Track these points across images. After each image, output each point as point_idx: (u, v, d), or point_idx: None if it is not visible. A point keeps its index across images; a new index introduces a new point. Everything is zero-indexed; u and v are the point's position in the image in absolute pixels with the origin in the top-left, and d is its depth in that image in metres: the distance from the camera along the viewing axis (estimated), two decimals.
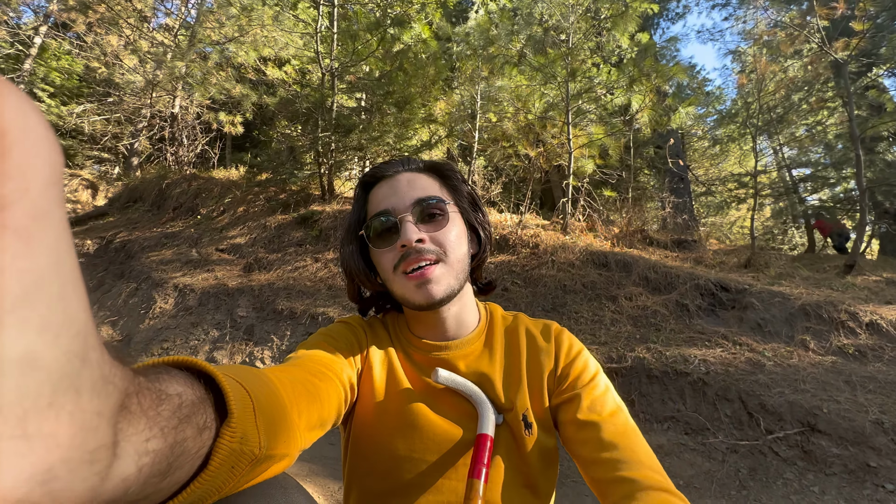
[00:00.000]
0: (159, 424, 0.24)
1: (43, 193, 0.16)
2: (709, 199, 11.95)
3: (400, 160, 0.79)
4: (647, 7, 6.28)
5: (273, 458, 0.41)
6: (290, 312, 4.25)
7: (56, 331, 0.16)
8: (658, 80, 6.16)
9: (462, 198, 0.78)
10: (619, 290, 4.32)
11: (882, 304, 3.83)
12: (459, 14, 9.59)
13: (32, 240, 0.16)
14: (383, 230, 0.71)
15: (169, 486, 0.28)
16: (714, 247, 6.74)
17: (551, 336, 0.78)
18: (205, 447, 0.31)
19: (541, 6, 6.38)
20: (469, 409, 0.71)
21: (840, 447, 2.48)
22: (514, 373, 0.75)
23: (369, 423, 0.71)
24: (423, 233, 0.69)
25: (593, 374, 0.73)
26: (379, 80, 6.44)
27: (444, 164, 0.80)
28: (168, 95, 9.43)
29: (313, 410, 0.54)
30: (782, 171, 10.51)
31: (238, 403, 0.35)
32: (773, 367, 3.11)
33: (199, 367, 0.36)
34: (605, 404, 0.68)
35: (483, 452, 0.64)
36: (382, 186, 0.75)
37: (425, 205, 0.71)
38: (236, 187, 7.38)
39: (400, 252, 0.69)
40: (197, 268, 5.31)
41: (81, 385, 0.17)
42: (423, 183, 0.74)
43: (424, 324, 0.76)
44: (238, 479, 0.36)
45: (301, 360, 0.63)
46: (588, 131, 6.67)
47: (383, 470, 0.69)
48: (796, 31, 6.25)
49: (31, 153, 0.16)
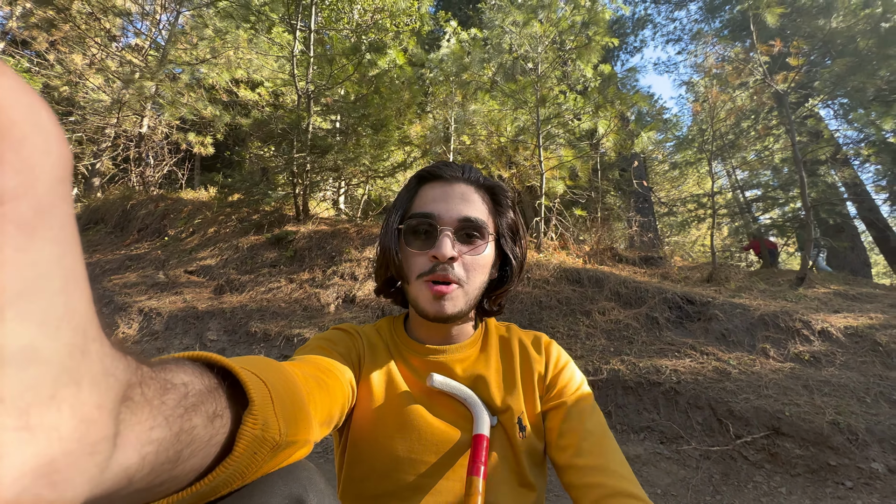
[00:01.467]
0: (164, 413, 0.24)
1: (50, 188, 0.17)
2: (671, 218, 12.58)
3: (462, 166, 0.77)
4: (608, 41, 6.73)
5: (294, 445, 0.42)
6: (263, 335, 4.14)
7: (57, 324, 0.16)
8: (621, 107, 6.56)
9: (504, 225, 0.78)
10: (593, 305, 4.45)
11: (831, 313, 4.11)
12: (433, 42, 9.93)
13: (36, 233, 0.16)
14: (421, 231, 0.72)
15: (185, 473, 0.29)
16: (679, 263, 7.07)
17: (542, 346, 0.81)
18: (218, 435, 0.32)
19: (510, 37, 6.73)
20: (465, 411, 0.73)
21: (802, 448, 2.62)
22: (510, 377, 0.77)
23: (368, 426, 0.71)
24: (457, 252, 0.69)
25: (578, 385, 0.77)
26: (355, 103, 6.54)
27: (500, 186, 0.79)
28: (136, 115, 9.20)
29: (325, 405, 0.54)
30: (736, 192, 11.25)
31: (257, 392, 0.36)
32: (738, 374, 3.26)
33: (214, 360, 0.37)
34: (587, 414, 0.72)
35: (480, 451, 0.66)
36: (436, 187, 0.74)
37: (470, 225, 0.71)
38: (207, 208, 7.20)
39: (430, 262, 0.70)
40: (164, 291, 5.10)
41: (82, 378, 0.17)
42: (475, 200, 0.74)
43: (427, 329, 0.78)
44: (260, 465, 0.37)
45: (306, 360, 0.63)
46: (558, 154, 6.97)
47: (382, 472, 0.69)
48: (741, 64, 6.84)
49: (40, 149, 0.16)
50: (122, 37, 10.17)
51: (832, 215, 8.09)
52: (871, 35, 6.63)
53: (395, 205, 0.77)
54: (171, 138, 9.82)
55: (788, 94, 6.13)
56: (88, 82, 9.11)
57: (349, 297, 4.96)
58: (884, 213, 9.91)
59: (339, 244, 5.80)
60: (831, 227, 8.70)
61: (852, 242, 8.89)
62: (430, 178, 0.76)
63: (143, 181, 9.12)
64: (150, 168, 9.41)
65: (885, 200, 9.68)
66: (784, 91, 6.06)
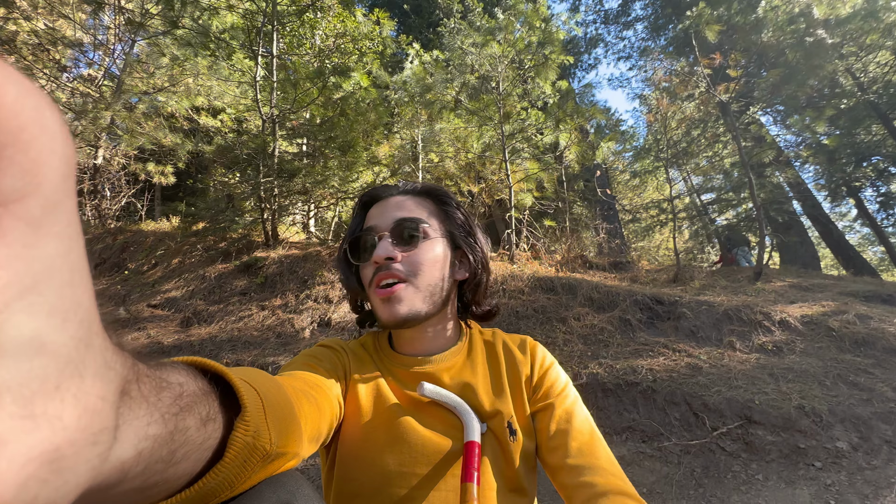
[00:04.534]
0: (160, 410, 0.25)
1: (56, 186, 0.17)
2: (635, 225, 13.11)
3: (398, 184, 0.83)
4: (564, 59, 7.07)
5: (284, 456, 0.42)
6: (236, 365, 3.97)
7: (63, 316, 0.17)
8: (580, 120, 6.86)
9: (453, 223, 0.80)
10: (568, 311, 4.54)
11: (788, 304, 4.36)
12: (395, 64, 10.12)
13: (42, 229, 0.16)
14: (365, 246, 0.75)
15: (176, 477, 0.29)
16: (646, 266, 7.33)
17: (527, 349, 0.83)
18: (210, 439, 0.31)
19: (471, 58, 6.96)
20: (454, 420, 0.72)
21: (774, 434, 2.73)
22: (497, 382, 0.78)
23: (356, 443, 0.70)
24: (397, 252, 0.72)
25: (564, 386, 0.78)
26: (321, 126, 6.54)
27: (439, 189, 0.83)
28: (89, 147, 8.84)
29: (314, 420, 0.54)
30: (693, 196, 11.87)
31: (250, 399, 0.36)
32: (709, 368, 3.39)
33: (207, 365, 0.37)
34: (575, 414, 0.73)
35: (472, 458, 0.66)
36: (376, 207, 0.79)
37: (404, 225, 0.74)
38: (170, 238, 6.92)
39: (374, 267, 0.73)
40: (125, 327, 4.83)
41: (86, 369, 0.18)
42: (410, 205, 0.78)
43: (404, 339, 0.79)
44: (249, 475, 0.37)
45: (294, 375, 0.62)
46: (524, 167, 7.18)
47: (373, 488, 0.68)
48: (687, 77, 7.33)
49: (47, 149, 0.17)
50: (72, 68, 9.83)
51: (780, 213, 8.65)
52: (798, 48, 7.27)
53: (346, 233, 0.82)
54: (129, 169, 9.46)
55: (731, 102, 6.60)
56: None
57: (324, 320, 4.86)
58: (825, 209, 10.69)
59: (311, 268, 5.70)
60: (781, 224, 9.29)
61: (801, 237, 9.52)
62: (370, 200, 0.81)
63: (100, 214, 8.71)
64: (106, 200, 9.01)
65: (825, 197, 10.47)
66: (727, 100, 6.52)
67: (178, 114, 8.52)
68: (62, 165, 0.17)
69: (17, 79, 0.16)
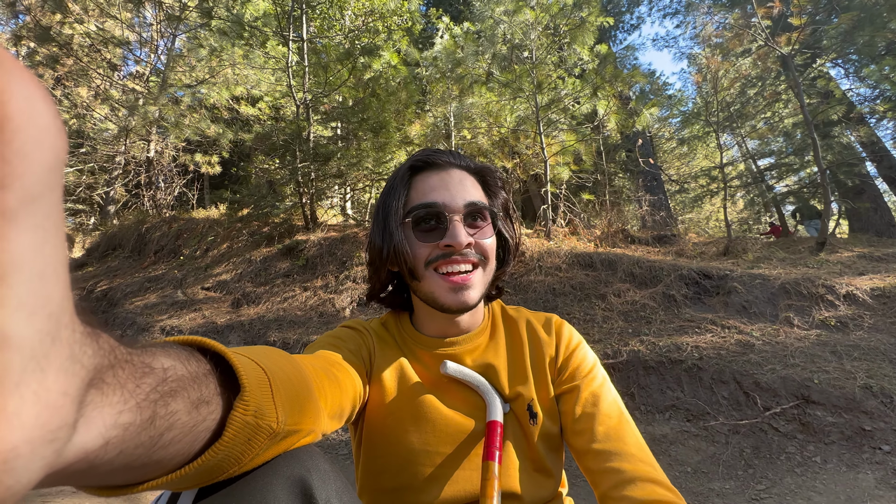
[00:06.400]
0: (136, 398, 0.24)
1: (38, 179, 0.17)
2: (683, 195, 12.34)
3: (450, 152, 0.75)
4: (603, 20, 6.62)
5: (298, 433, 0.42)
6: (282, 343, 4.19)
7: (30, 310, 0.16)
8: (620, 86, 6.45)
9: (498, 205, 0.78)
10: (607, 287, 4.40)
11: (856, 276, 3.98)
12: (426, 40, 9.92)
13: (17, 221, 0.16)
14: (428, 222, 0.69)
15: (169, 457, 0.29)
16: (693, 239, 6.93)
17: (552, 328, 0.80)
18: (206, 421, 0.31)
19: (502, 27, 6.67)
20: (477, 400, 0.72)
21: (835, 415, 2.55)
22: (519, 365, 0.76)
23: (381, 422, 0.71)
24: (471, 237, 0.69)
25: (591, 367, 0.75)
26: (353, 108, 6.57)
27: (490, 168, 0.79)
28: (142, 141, 9.42)
29: (335, 398, 0.54)
30: (748, 162, 10.97)
31: (251, 379, 0.36)
32: (762, 345, 3.19)
33: (208, 345, 0.36)
34: (602, 397, 0.70)
35: (494, 437, 0.66)
36: (432, 176, 0.72)
37: (476, 209, 0.70)
38: (218, 225, 7.33)
39: (442, 251, 0.68)
40: (183, 308, 5.21)
41: (49, 364, 0.17)
42: (470, 184, 0.73)
43: (438, 322, 0.76)
44: (256, 452, 0.37)
45: (317, 355, 0.63)
46: (560, 139, 6.89)
47: (398, 465, 0.69)
48: (741, 30, 6.66)
49: (32, 139, 0.16)
50: (123, 66, 10.42)
51: (851, 176, 7.82)
52: None
53: (388, 199, 0.73)
54: (179, 160, 10.03)
55: (794, 55, 5.95)
56: (95, 113, 9.37)
57: (363, 300, 5.00)
58: None
59: (349, 249, 5.85)
60: (851, 188, 8.41)
61: (875, 203, 8.58)
62: (423, 166, 0.73)
63: (156, 204, 9.34)
64: (161, 191, 9.63)
65: None
66: (789, 53, 5.88)
67: (219, 104, 8.85)
68: (48, 158, 0.17)
69: (10, 67, 0.16)
